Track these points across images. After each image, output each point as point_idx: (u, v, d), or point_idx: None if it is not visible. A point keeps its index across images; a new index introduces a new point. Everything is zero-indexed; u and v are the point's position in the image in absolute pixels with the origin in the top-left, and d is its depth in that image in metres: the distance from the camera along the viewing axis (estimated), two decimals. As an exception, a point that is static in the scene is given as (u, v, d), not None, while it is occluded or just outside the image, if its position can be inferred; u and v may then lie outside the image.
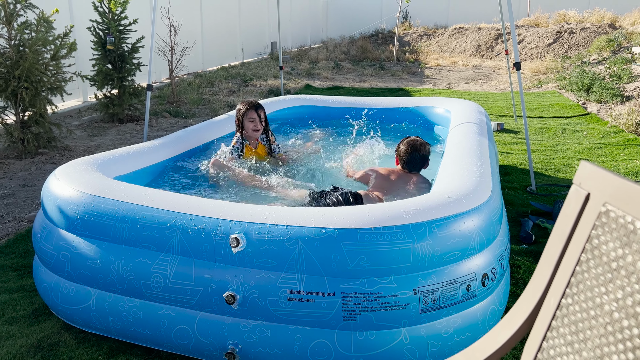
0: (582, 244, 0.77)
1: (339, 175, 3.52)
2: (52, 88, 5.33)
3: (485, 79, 11.44)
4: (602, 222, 0.74)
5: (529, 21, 15.75)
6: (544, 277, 0.83)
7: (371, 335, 1.86)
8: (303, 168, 3.64)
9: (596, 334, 0.72)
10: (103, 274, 2.11)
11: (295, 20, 19.42)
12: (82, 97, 8.40)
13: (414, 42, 17.27)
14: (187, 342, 2.04)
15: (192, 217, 2.02)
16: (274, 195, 3.09)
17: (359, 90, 9.99)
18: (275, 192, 3.11)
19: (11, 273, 2.85)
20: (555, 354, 0.79)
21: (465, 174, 2.36)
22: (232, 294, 1.92)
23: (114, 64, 6.98)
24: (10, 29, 5.02)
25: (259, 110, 3.56)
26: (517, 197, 3.94)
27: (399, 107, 4.81)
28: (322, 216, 1.92)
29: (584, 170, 0.77)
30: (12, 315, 2.42)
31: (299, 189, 3.13)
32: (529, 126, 6.54)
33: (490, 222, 2.05)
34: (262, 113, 3.60)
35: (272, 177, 3.25)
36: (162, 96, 8.89)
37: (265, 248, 1.90)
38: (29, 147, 5.20)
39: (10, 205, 3.94)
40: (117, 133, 6.55)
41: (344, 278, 1.86)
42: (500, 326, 0.90)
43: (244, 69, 12.98)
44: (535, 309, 0.84)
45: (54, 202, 2.30)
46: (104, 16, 6.79)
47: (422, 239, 1.85)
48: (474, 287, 1.93)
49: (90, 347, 2.18)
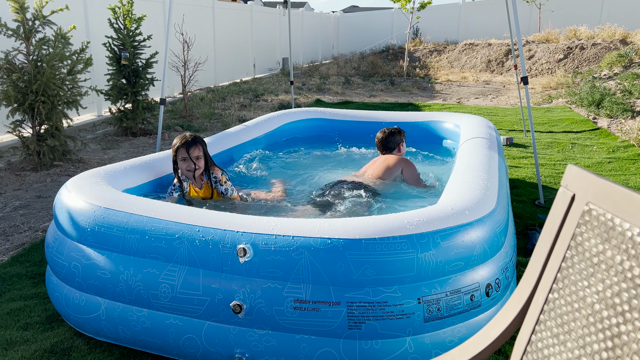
0: (567, 242, 0.81)
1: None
2: (68, 102, 5.45)
3: (496, 94, 11.47)
4: (585, 220, 0.78)
5: (540, 37, 15.79)
6: (534, 274, 0.87)
7: (376, 344, 1.88)
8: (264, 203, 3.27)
9: (579, 325, 0.76)
10: (112, 284, 2.16)
11: (306, 36, 19.66)
12: (96, 111, 8.57)
13: (424, 58, 17.37)
14: (195, 350, 2.07)
15: (199, 228, 2.07)
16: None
17: (369, 105, 10.06)
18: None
19: (26, 281, 2.91)
20: (543, 346, 0.83)
21: (471, 186, 2.39)
22: (238, 304, 1.95)
23: (128, 79, 7.13)
24: (28, 45, 5.17)
25: (191, 148, 3.02)
26: (525, 210, 3.95)
27: (409, 122, 4.85)
28: (327, 227, 1.96)
29: (570, 172, 0.82)
30: (26, 321, 2.48)
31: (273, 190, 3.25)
32: (539, 140, 6.54)
33: (493, 233, 2.07)
34: (198, 150, 3.05)
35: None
36: (174, 110, 9.03)
37: (272, 258, 1.94)
38: (45, 159, 5.31)
39: (25, 216, 4.03)
40: (130, 146, 6.66)
41: (349, 287, 1.89)
42: (493, 322, 0.94)
43: (256, 84, 13.14)
44: (526, 304, 0.88)
45: (65, 213, 2.36)
46: (119, 32, 6.96)
47: (425, 249, 1.87)
48: (477, 297, 1.95)
49: (101, 353, 2.23)
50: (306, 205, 3.18)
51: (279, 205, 3.21)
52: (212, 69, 12.82)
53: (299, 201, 3.28)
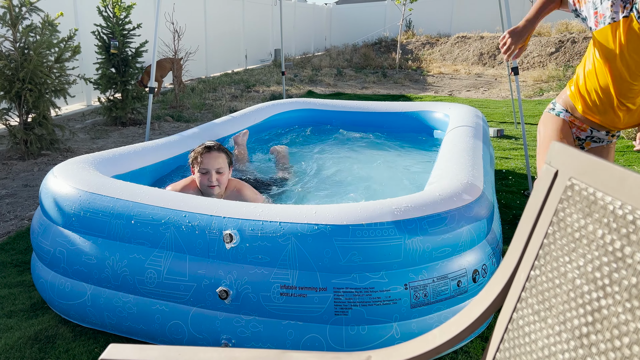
0: (549, 218, 0.80)
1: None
2: (56, 90, 5.38)
3: (487, 87, 11.48)
4: (567, 196, 0.78)
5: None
6: (516, 253, 0.86)
7: (363, 329, 1.88)
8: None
9: (560, 301, 0.75)
10: (98, 269, 2.14)
11: (299, 28, 19.56)
12: (85, 100, 8.48)
13: (417, 51, 17.35)
14: (181, 336, 2.06)
15: (186, 213, 2.05)
16: None
17: (361, 96, 10.04)
18: None
19: (11, 269, 2.88)
20: (524, 323, 0.83)
21: (457, 172, 2.38)
22: (225, 290, 1.94)
23: (117, 68, 7.05)
24: (15, 32, 5.09)
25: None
26: (514, 201, 3.96)
27: (400, 112, 4.84)
28: (314, 213, 1.95)
29: (554, 149, 0.81)
30: (10, 309, 2.45)
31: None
32: (529, 132, 6.56)
33: (481, 219, 2.07)
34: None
35: None
36: (165, 101, 8.96)
37: (259, 244, 1.92)
38: (32, 148, 5.25)
39: (12, 205, 3.98)
40: (119, 136, 6.61)
41: (336, 273, 1.88)
42: (475, 302, 0.93)
43: (247, 75, 13.07)
44: (508, 283, 0.87)
45: (51, 198, 2.33)
46: (108, 20, 6.88)
47: (412, 235, 1.87)
48: (464, 283, 1.95)
49: (86, 340, 2.21)
50: None
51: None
52: (204, 59, 12.72)
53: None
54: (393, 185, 3.26)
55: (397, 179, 3.39)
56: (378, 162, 3.80)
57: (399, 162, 3.86)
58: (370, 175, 3.44)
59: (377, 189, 3.12)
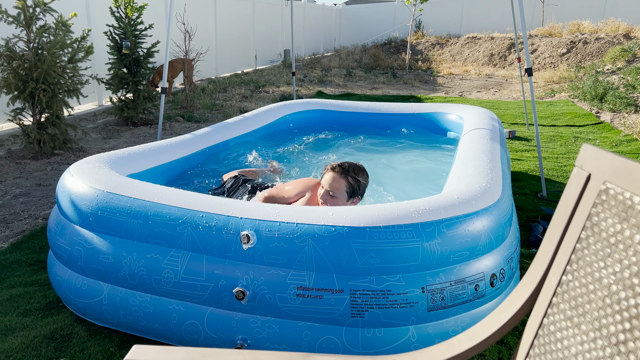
0: (582, 222, 0.79)
1: None
2: (69, 90, 5.42)
3: (498, 88, 11.42)
4: (602, 200, 0.76)
5: (543, 31, 15.71)
6: (546, 257, 0.85)
7: (379, 332, 1.87)
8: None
9: (595, 307, 0.74)
10: (115, 268, 2.15)
11: (308, 28, 19.57)
12: (97, 100, 8.53)
13: (427, 51, 17.29)
14: (196, 336, 2.06)
15: (203, 214, 2.05)
16: None
17: (370, 97, 10.02)
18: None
19: (26, 267, 2.90)
20: (555, 329, 0.81)
21: (476, 176, 2.37)
22: (241, 290, 1.94)
23: (129, 68, 7.09)
24: (29, 32, 5.13)
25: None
26: (528, 203, 3.93)
27: (411, 113, 4.82)
28: (331, 214, 1.94)
29: (586, 152, 0.80)
30: (26, 308, 2.47)
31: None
32: (542, 134, 6.52)
33: (499, 223, 2.06)
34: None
35: None
36: (175, 101, 8.99)
37: (275, 245, 1.92)
38: (45, 148, 5.29)
39: (26, 204, 4.01)
40: (131, 136, 6.64)
41: (352, 275, 1.87)
42: (503, 307, 0.92)
43: (257, 76, 13.09)
44: (537, 288, 0.86)
45: (68, 197, 2.34)
46: (121, 21, 6.91)
47: (430, 238, 1.86)
48: (482, 287, 1.94)
49: (102, 339, 2.22)
50: None
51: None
52: (214, 59, 12.76)
53: None
54: (409, 188, 3.25)
55: (412, 181, 3.38)
56: (393, 163, 3.79)
57: (414, 163, 3.84)
58: (385, 177, 3.43)
59: (393, 192, 3.11)
